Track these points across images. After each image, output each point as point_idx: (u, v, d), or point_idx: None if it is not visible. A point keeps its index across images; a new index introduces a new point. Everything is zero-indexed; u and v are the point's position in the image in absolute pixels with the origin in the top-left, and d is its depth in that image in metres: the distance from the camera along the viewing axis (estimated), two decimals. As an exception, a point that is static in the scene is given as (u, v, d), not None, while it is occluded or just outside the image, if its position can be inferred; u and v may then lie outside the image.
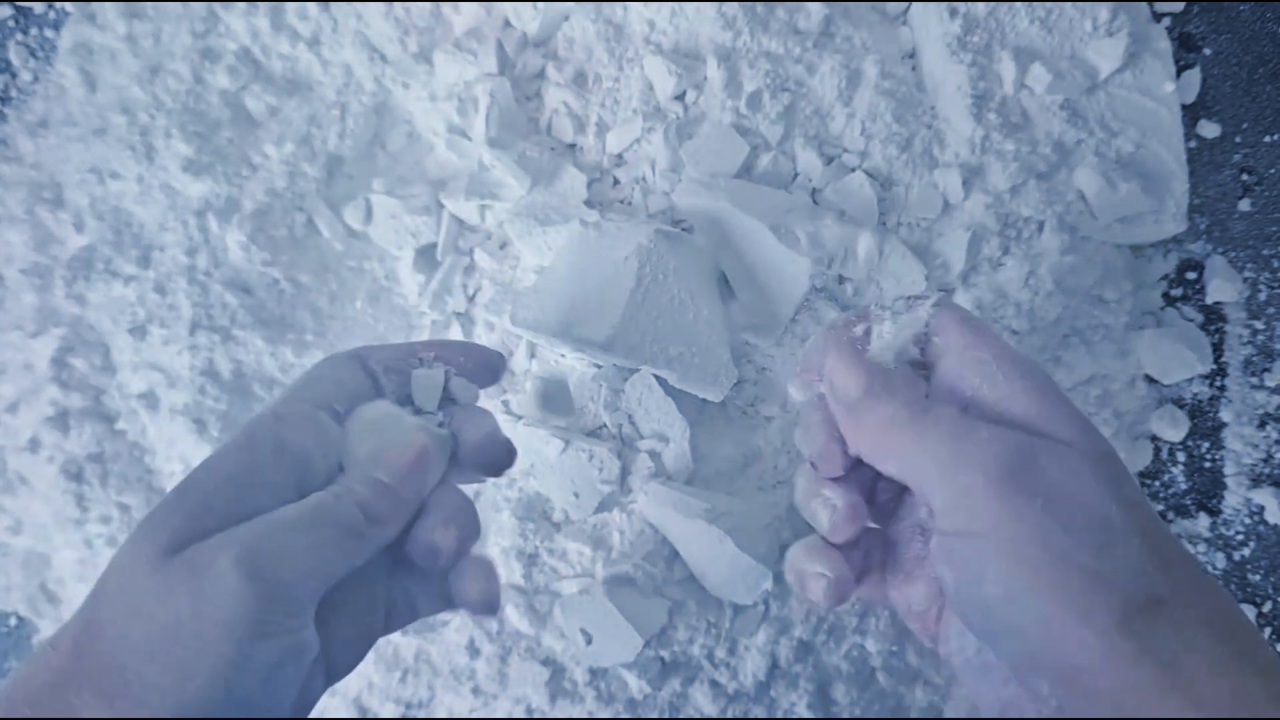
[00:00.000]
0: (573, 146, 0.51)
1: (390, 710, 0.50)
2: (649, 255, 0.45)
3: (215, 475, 0.30)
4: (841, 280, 0.49)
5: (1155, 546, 0.27)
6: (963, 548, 0.29)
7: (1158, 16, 0.54)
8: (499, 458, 0.36)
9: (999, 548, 0.28)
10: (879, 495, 0.36)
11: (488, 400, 0.50)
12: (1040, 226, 0.50)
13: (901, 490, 0.35)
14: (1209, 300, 0.54)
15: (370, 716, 0.50)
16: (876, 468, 0.32)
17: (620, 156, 0.50)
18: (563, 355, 0.49)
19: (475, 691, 0.50)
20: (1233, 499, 0.54)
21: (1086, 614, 0.26)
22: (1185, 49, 0.54)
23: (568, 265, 0.46)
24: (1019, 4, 0.50)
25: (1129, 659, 0.26)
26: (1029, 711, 0.29)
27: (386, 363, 0.35)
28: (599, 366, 0.48)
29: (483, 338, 0.51)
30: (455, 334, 0.51)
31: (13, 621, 0.56)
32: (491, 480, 0.49)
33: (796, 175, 0.50)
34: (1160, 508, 0.55)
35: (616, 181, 0.51)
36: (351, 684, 0.50)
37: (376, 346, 0.36)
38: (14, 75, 0.57)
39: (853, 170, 0.49)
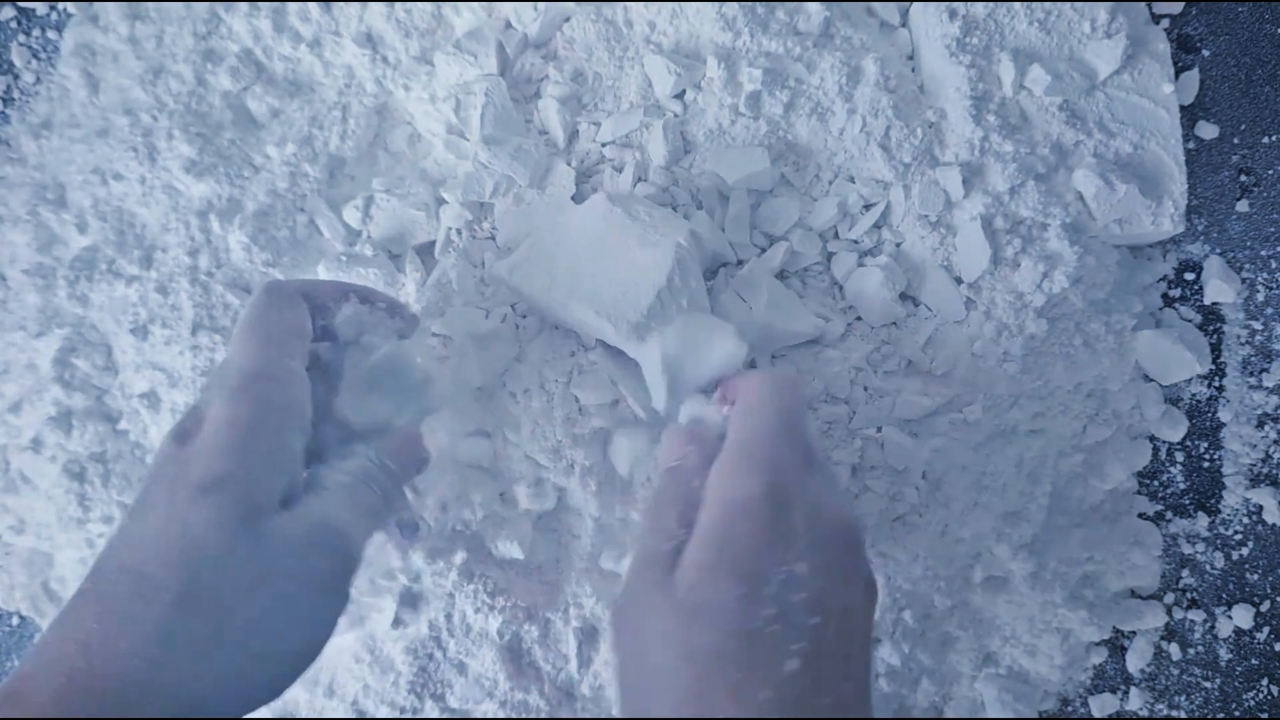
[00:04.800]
0: (569, 145, 0.51)
1: (386, 712, 0.50)
2: (684, 256, 0.45)
3: (258, 444, 0.34)
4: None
5: (695, 698, 0.30)
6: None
7: (1156, 18, 0.54)
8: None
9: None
10: None
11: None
12: (1044, 228, 0.50)
13: None
14: (1207, 301, 0.54)
15: (368, 717, 0.51)
16: None
17: (615, 146, 0.50)
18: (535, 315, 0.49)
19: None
20: (1231, 499, 0.55)
21: None
22: (1184, 50, 0.55)
23: (585, 238, 0.46)
24: (1018, 5, 0.50)
25: None
26: None
27: (321, 299, 0.40)
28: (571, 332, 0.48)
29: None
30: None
31: (15, 621, 0.56)
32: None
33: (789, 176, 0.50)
34: (1159, 507, 0.55)
35: (609, 171, 0.51)
36: (349, 687, 0.50)
37: (314, 282, 0.42)
38: (17, 77, 0.57)
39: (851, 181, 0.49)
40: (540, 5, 0.50)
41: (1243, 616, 0.54)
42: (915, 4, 0.52)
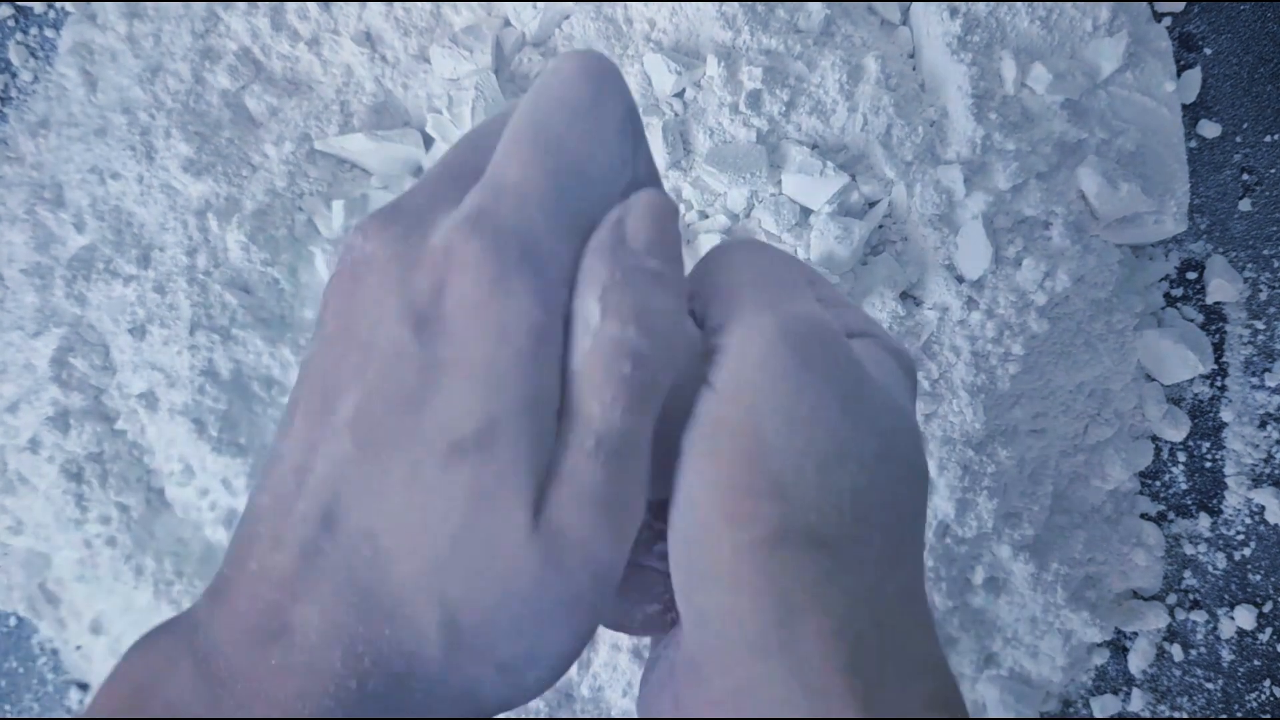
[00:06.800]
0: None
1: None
2: None
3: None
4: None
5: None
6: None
7: (1158, 16, 0.54)
8: None
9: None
10: None
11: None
12: (1046, 227, 0.50)
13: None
14: (1209, 300, 0.54)
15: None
16: None
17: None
18: None
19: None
20: (1233, 499, 0.54)
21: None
22: (1186, 49, 0.54)
23: None
24: (1019, 4, 0.50)
25: None
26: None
27: None
28: None
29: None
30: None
31: (12, 621, 0.56)
32: None
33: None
34: (1161, 508, 0.55)
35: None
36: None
37: None
38: (14, 75, 0.57)
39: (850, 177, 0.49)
40: (540, 4, 0.50)
41: (1245, 617, 0.54)
42: (916, 2, 0.52)
